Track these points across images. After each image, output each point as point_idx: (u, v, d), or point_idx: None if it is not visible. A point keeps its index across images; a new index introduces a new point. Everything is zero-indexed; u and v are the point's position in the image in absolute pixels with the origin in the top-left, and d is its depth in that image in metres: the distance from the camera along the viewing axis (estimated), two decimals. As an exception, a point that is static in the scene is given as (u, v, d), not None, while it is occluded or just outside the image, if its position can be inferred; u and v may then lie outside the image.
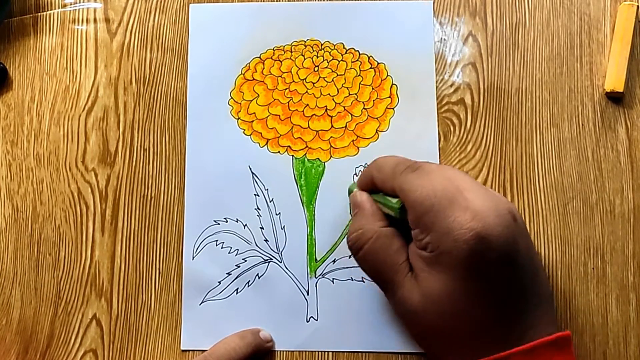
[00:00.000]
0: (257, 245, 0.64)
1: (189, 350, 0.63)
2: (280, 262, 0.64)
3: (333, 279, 0.64)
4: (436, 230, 0.51)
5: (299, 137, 0.65)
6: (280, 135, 0.66)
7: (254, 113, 0.66)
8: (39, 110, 0.67)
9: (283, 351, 0.63)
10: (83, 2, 0.69)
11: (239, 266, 0.64)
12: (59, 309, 0.64)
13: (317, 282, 0.64)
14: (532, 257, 0.54)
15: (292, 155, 0.65)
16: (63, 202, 0.66)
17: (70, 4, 0.69)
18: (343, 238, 0.64)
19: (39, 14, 0.69)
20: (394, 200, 0.56)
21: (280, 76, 0.67)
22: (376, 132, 0.66)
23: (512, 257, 0.51)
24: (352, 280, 0.64)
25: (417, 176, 0.54)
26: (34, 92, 0.68)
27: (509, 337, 0.51)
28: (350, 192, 0.62)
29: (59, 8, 0.69)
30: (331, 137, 0.65)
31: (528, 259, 0.53)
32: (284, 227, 0.64)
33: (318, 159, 0.65)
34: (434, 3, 0.68)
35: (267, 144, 0.66)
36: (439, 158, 0.65)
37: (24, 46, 0.69)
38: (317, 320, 0.63)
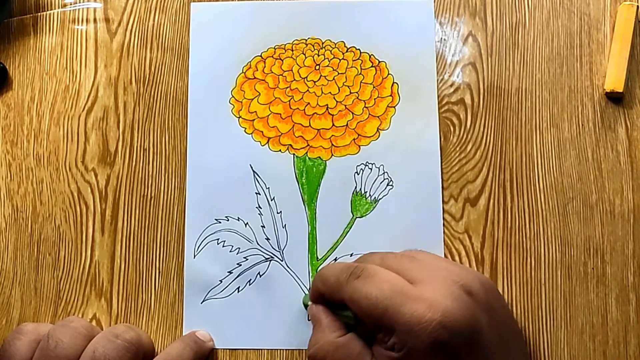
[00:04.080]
0: (258, 243, 0.64)
1: (189, 350, 0.63)
2: (282, 261, 0.64)
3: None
4: (398, 330, 0.51)
5: (300, 136, 0.65)
6: (282, 133, 0.66)
7: (255, 112, 0.66)
8: (39, 110, 0.67)
9: (284, 350, 0.63)
10: (83, 2, 0.69)
11: (240, 265, 0.64)
12: (59, 309, 0.64)
13: (318, 280, 0.64)
14: (500, 329, 0.54)
15: (294, 154, 0.65)
16: (63, 202, 0.66)
17: (70, 4, 0.69)
18: (344, 237, 0.64)
19: (39, 14, 0.69)
20: (347, 313, 0.56)
21: (281, 75, 0.67)
22: (377, 130, 0.66)
23: (475, 336, 0.52)
24: (354, 278, 0.64)
25: (362, 283, 0.54)
26: (34, 92, 0.68)
27: None
28: (304, 304, 0.63)
29: (59, 8, 0.69)
30: (332, 135, 0.65)
31: (496, 333, 0.53)
32: (285, 225, 0.64)
33: (319, 157, 0.65)
34: (434, 2, 0.68)
35: (268, 142, 0.66)
36: (440, 157, 0.65)
37: (24, 46, 0.69)
38: (317, 322, 0.63)
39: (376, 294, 0.52)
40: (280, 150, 0.65)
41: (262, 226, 0.64)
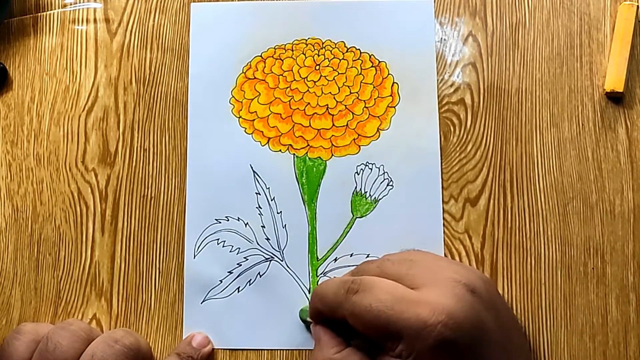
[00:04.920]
0: (258, 243, 0.64)
1: (189, 350, 0.63)
2: (282, 261, 0.64)
3: (334, 277, 0.63)
4: (405, 336, 0.51)
5: (300, 136, 0.65)
6: (282, 133, 0.66)
7: (255, 112, 0.66)
8: (39, 110, 0.67)
9: (284, 350, 0.63)
10: (83, 2, 0.69)
11: (240, 265, 0.64)
12: (59, 309, 0.64)
13: (318, 281, 0.63)
14: (503, 325, 0.54)
15: (294, 154, 0.65)
16: (63, 202, 0.66)
17: (70, 4, 0.69)
18: (344, 237, 0.64)
19: (39, 14, 0.69)
20: None
21: (282, 75, 0.67)
22: (377, 130, 0.66)
23: (481, 336, 0.52)
24: (354, 278, 0.64)
25: (362, 296, 0.53)
26: (34, 92, 0.68)
27: None
28: (301, 318, 0.63)
29: (59, 8, 0.69)
30: (332, 135, 0.65)
31: (499, 330, 0.53)
32: (285, 225, 0.64)
33: (319, 157, 0.65)
34: (434, 3, 0.68)
35: (268, 142, 0.66)
36: (440, 157, 0.65)
37: (24, 46, 0.69)
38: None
39: (377, 305, 0.52)
40: (280, 150, 0.65)
41: (262, 226, 0.64)
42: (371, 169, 0.65)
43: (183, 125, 0.67)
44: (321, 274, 0.63)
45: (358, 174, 0.65)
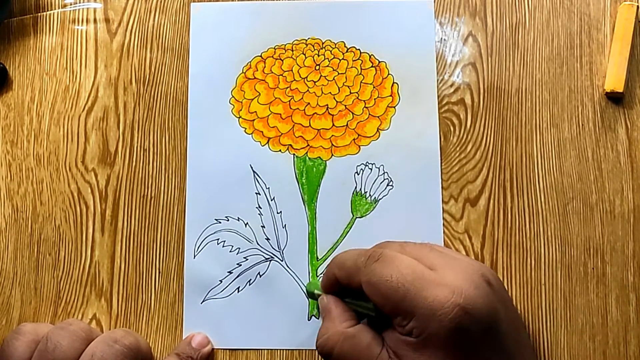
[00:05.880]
0: (258, 243, 0.64)
1: (189, 350, 0.63)
2: (282, 261, 0.64)
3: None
4: (419, 314, 0.50)
5: (300, 136, 0.65)
6: (282, 134, 0.66)
7: (255, 112, 0.66)
8: (39, 110, 0.67)
9: (284, 350, 0.63)
10: (83, 2, 0.69)
11: (240, 265, 0.64)
12: (58, 309, 0.64)
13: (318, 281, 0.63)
14: (513, 320, 0.54)
15: (294, 154, 0.65)
16: (63, 202, 0.66)
17: (70, 4, 0.69)
18: (344, 237, 0.64)
19: (39, 14, 0.69)
20: (363, 303, 0.56)
21: (282, 75, 0.67)
22: (377, 130, 0.66)
23: (495, 326, 0.51)
24: (354, 278, 0.64)
25: (382, 265, 0.53)
26: (34, 92, 0.68)
27: None
28: (308, 292, 0.63)
29: (59, 8, 0.69)
30: (332, 135, 0.65)
31: (510, 324, 0.53)
32: (285, 225, 0.64)
33: (319, 157, 0.65)
34: (434, 3, 0.68)
35: (268, 142, 0.66)
36: (440, 157, 0.65)
37: (24, 46, 0.69)
38: (318, 318, 0.63)
39: (397, 277, 0.52)
40: (280, 151, 0.65)
41: (262, 226, 0.64)
42: (371, 169, 0.65)
43: (183, 125, 0.67)
44: (321, 274, 0.63)
45: (358, 174, 0.65)
